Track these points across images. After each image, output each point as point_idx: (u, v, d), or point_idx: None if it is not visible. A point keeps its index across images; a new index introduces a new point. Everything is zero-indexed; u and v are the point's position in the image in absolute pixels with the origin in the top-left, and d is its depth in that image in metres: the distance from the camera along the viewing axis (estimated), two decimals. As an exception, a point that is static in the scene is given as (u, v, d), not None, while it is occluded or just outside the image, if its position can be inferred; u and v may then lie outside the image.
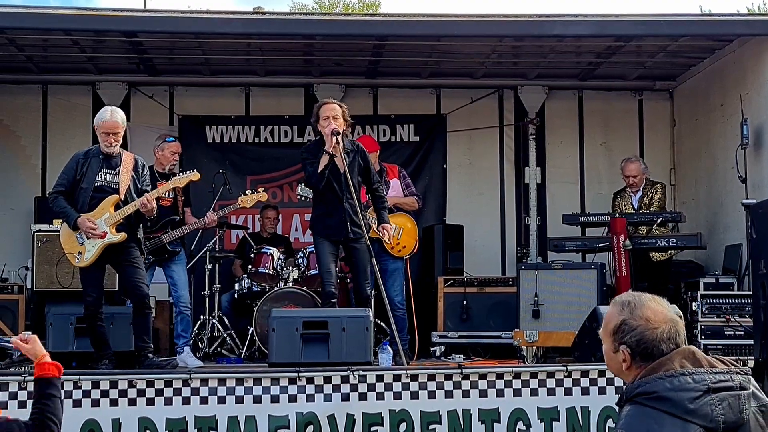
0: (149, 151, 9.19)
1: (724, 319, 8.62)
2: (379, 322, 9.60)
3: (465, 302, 9.69)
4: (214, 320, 9.46)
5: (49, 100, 11.15)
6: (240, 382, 6.51)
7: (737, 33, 9.54)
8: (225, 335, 9.43)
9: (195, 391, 6.45)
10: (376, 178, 8.33)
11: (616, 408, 3.23)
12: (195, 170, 8.35)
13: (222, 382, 6.49)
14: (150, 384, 6.45)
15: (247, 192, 9.08)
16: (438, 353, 9.54)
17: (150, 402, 6.41)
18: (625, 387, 3.07)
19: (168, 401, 6.42)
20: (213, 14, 9.57)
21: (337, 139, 7.65)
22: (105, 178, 7.64)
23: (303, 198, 8.89)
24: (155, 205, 7.65)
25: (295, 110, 11.29)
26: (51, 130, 11.11)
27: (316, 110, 8.01)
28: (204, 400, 6.45)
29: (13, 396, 6.32)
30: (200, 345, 9.30)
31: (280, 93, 11.42)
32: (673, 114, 11.54)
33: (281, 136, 11.35)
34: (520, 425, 6.59)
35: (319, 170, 7.78)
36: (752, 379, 3.10)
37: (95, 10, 8.82)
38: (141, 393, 6.41)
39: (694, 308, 8.73)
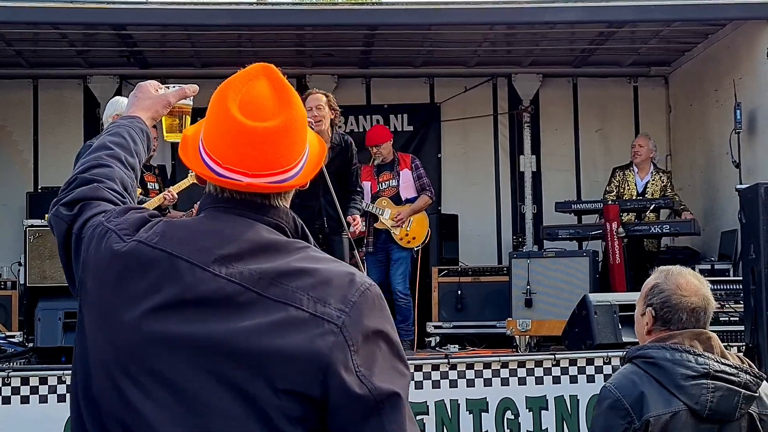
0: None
1: (718, 305, 8.53)
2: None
3: (459, 292, 9.60)
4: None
5: (40, 94, 11.07)
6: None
7: (730, 17, 9.44)
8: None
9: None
10: (355, 180, 7.98)
11: None
12: None
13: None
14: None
15: None
16: (433, 344, 9.48)
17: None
18: (626, 350, 3.18)
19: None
20: (201, 5, 9.52)
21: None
22: None
23: None
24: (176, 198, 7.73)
25: None
26: (42, 124, 11.04)
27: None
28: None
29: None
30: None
31: (271, 84, 11.32)
32: (669, 100, 11.46)
33: (273, 127, 11.25)
34: (509, 414, 6.53)
35: None
36: (766, 386, 3.09)
37: (83, 3, 8.72)
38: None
39: (688, 295, 8.66)
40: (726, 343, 7.55)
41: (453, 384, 6.52)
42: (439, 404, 6.49)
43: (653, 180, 9.69)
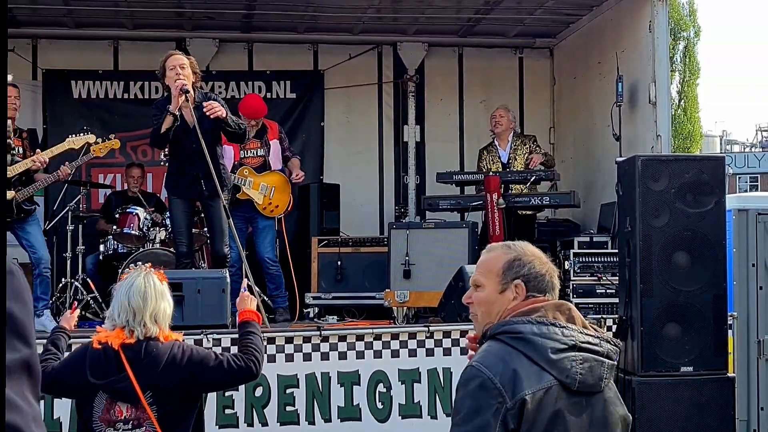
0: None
1: (596, 278, 8.56)
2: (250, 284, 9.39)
3: (339, 263, 9.44)
4: (77, 283, 9.07)
5: None
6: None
7: (614, -11, 9.44)
8: (89, 298, 9.04)
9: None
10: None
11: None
12: (90, 133, 8.17)
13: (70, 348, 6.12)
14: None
15: (98, 140, 8.53)
16: (312, 314, 9.31)
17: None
18: (487, 327, 2.95)
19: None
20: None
21: (186, 97, 7.23)
22: None
23: (165, 162, 8.32)
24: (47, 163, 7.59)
25: None
26: None
27: (161, 63, 7.52)
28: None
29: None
30: (62, 309, 8.90)
31: (150, 47, 10.90)
32: (554, 72, 11.45)
33: (152, 92, 10.89)
34: (381, 387, 6.40)
35: (161, 131, 7.35)
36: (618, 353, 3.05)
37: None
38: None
39: (566, 267, 8.66)
40: (601, 315, 7.66)
41: (324, 356, 6.36)
42: (309, 377, 6.33)
43: (514, 146, 9.67)
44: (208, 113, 7.24)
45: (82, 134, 8.00)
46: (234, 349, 6.22)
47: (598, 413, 2.95)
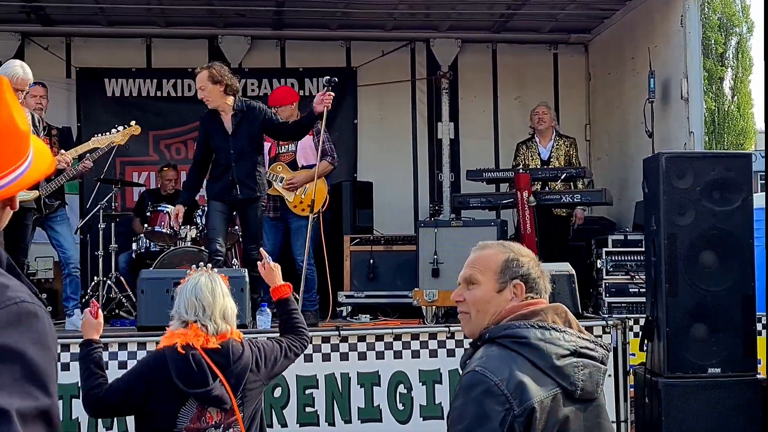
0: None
1: (629, 277, 8.43)
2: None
3: (372, 261, 9.36)
4: (109, 281, 9.11)
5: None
6: (104, 347, 6.15)
7: (646, -18, 9.29)
8: (121, 297, 9.06)
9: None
10: (277, 121, 8.02)
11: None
12: (125, 126, 8.15)
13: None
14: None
15: (118, 128, 8.49)
16: (345, 314, 9.25)
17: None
18: (485, 330, 2.86)
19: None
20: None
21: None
22: None
23: None
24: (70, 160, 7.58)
25: (199, 63, 10.44)
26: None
27: None
28: (65, 367, 6.10)
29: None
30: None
31: (183, 45, 10.98)
32: (588, 68, 11.30)
33: (184, 89, 10.92)
34: (401, 388, 6.34)
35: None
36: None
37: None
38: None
39: (599, 266, 8.54)
40: (635, 315, 7.53)
41: (344, 357, 6.32)
42: (329, 377, 6.29)
43: (556, 146, 9.55)
44: (322, 106, 7.77)
45: (108, 133, 7.99)
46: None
47: (593, 420, 2.87)
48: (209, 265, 4.51)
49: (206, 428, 4.10)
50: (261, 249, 5.27)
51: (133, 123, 8.39)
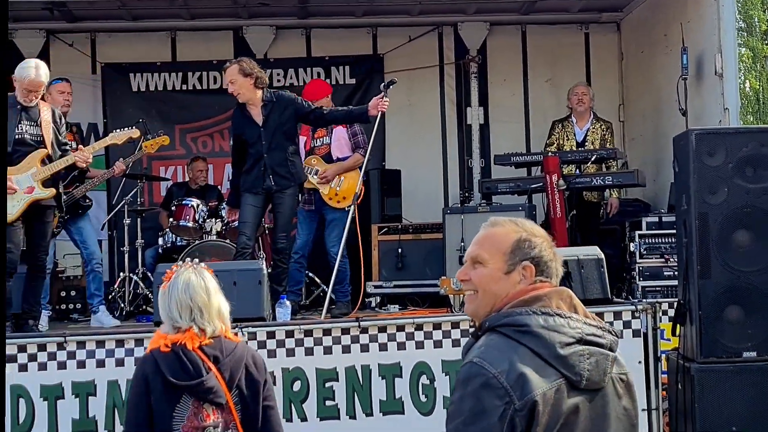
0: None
1: (663, 260, 8.20)
2: (310, 274, 9.23)
3: (400, 250, 9.19)
4: (135, 277, 9.03)
5: (-38, 51, 10.58)
6: (120, 343, 6.06)
7: (677, -44, 9.00)
8: (147, 292, 8.98)
9: (71, 355, 5.99)
10: (308, 108, 8.02)
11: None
12: (134, 127, 8.13)
13: (101, 344, 6.03)
14: (22, 349, 5.99)
15: (148, 137, 8.56)
16: (374, 304, 9.11)
17: (23, 368, 5.96)
18: (486, 317, 2.68)
19: (42, 366, 5.97)
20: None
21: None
22: (26, 131, 7.23)
23: None
24: (91, 160, 7.58)
25: (225, 55, 10.61)
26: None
27: None
28: (81, 365, 6.00)
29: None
30: (121, 303, 8.86)
31: (207, 37, 10.88)
32: (621, 47, 11.01)
33: (210, 82, 10.82)
34: (424, 379, 6.16)
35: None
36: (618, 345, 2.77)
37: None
38: (12, 359, 5.94)
39: (632, 249, 8.30)
40: (670, 299, 7.28)
41: (364, 348, 6.15)
42: (349, 370, 6.13)
43: (593, 128, 9.31)
44: (376, 111, 7.97)
45: (126, 129, 7.95)
46: (270, 343, 6.11)
47: (599, 410, 2.68)
48: (196, 260, 4.30)
49: (204, 427, 3.93)
50: None
51: (161, 132, 8.67)
